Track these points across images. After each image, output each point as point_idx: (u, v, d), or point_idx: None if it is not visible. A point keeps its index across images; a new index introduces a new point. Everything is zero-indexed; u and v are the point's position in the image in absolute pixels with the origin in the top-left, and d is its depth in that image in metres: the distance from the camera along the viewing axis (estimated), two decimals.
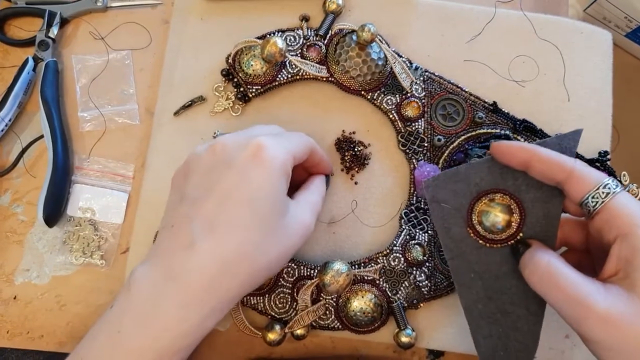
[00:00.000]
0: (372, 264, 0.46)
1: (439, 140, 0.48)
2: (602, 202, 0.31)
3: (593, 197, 0.31)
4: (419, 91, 0.49)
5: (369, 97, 0.49)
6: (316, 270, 0.45)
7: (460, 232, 0.37)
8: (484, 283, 0.37)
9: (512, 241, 0.37)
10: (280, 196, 0.36)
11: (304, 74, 0.48)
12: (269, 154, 0.35)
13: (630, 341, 0.29)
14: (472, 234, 0.37)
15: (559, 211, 0.36)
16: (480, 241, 0.37)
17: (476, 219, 0.37)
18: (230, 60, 0.49)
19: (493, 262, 0.37)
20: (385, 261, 0.46)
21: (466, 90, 0.49)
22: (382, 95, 0.49)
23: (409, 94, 0.48)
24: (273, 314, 0.45)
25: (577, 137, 0.36)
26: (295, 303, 0.45)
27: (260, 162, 0.34)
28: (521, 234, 0.36)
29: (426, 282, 0.45)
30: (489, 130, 0.48)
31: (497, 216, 0.37)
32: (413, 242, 0.46)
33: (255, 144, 0.35)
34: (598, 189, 0.31)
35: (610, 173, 0.47)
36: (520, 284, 0.36)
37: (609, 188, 0.31)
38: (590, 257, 0.37)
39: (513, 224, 0.36)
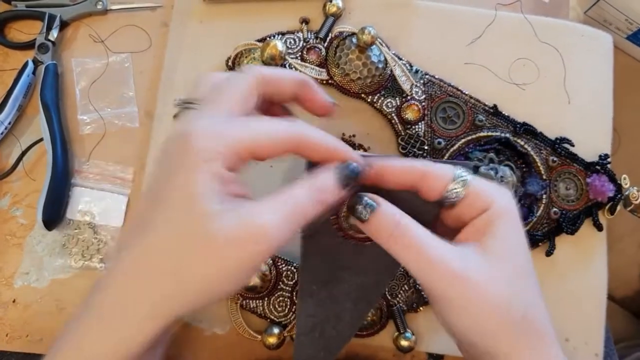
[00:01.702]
0: None
1: (440, 143, 0.48)
2: (461, 192, 0.32)
3: (450, 192, 0.32)
4: (419, 94, 0.48)
5: (369, 100, 0.49)
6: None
7: (324, 224, 0.36)
8: (327, 268, 0.36)
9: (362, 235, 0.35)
10: (203, 202, 0.28)
11: None
12: (192, 148, 0.28)
13: (482, 298, 0.30)
14: (334, 225, 0.36)
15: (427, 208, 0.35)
16: (340, 232, 0.36)
17: (343, 212, 0.36)
18: (230, 63, 0.49)
19: (344, 253, 0.36)
20: None
21: (466, 93, 0.49)
22: (382, 98, 0.48)
23: (409, 97, 0.48)
24: (272, 317, 0.45)
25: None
26: (294, 306, 0.45)
27: (181, 162, 0.29)
28: None
29: None
30: (490, 133, 0.48)
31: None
32: None
33: (182, 135, 0.29)
34: (454, 182, 0.32)
35: (611, 176, 0.47)
36: (359, 281, 0.36)
37: (462, 177, 0.32)
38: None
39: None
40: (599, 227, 0.48)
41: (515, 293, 0.31)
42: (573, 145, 0.48)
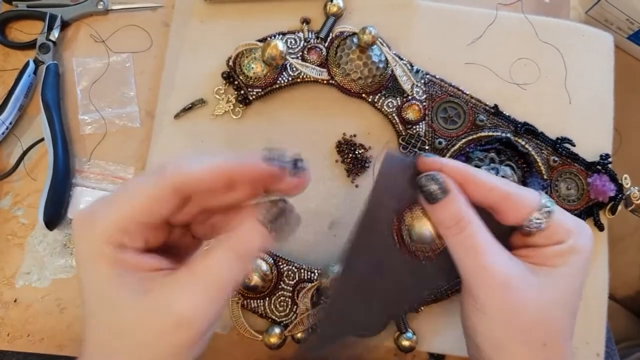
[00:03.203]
0: None
1: (440, 143, 0.48)
2: (543, 224, 0.31)
3: (532, 221, 0.31)
4: (420, 94, 0.48)
5: (369, 99, 0.49)
6: (316, 274, 0.45)
7: (384, 221, 0.35)
8: (370, 265, 0.35)
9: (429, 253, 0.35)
10: (102, 293, 0.27)
11: (304, 76, 0.48)
12: (75, 242, 0.28)
13: (514, 313, 0.30)
14: (394, 230, 0.35)
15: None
16: (397, 241, 0.35)
17: (406, 226, 0.35)
18: (230, 63, 0.49)
19: (393, 259, 0.35)
20: None
21: (467, 93, 0.49)
22: (383, 98, 0.48)
23: (410, 97, 0.48)
24: (273, 317, 0.45)
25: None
26: (295, 306, 0.45)
27: (75, 256, 0.30)
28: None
29: None
30: (490, 133, 0.48)
31: (427, 232, 0.34)
32: None
33: (72, 228, 0.29)
34: (539, 212, 0.31)
35: (612, 176, 0.47)
36: (396, 288, 0.35)
37: (547, 208, 0.31)
38: None
39: (437, 245, 0.34)
40: (600, 227, 0.48)
41: (547, 321, 0.30)
42: (574, 145, 0.48)
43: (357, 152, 0.48)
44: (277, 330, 0.44)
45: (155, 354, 0.26)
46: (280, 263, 0.45)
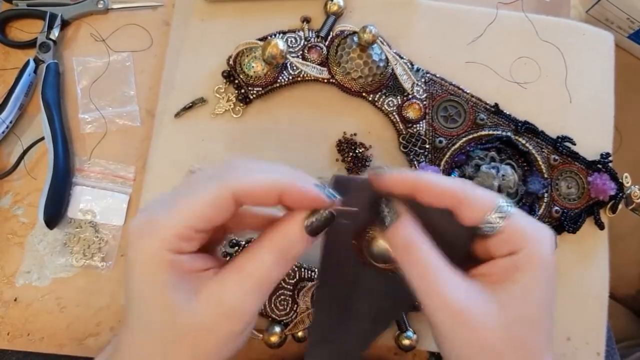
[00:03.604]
0: None
1: (441, 142, 0.48)
2: (498, 226, 0.30)
3: (488, 223, 0.30)
4: (421, 93, 0.48)
5: (370, 98, 0.48)
6: (317, 273, 0.45)
7: (344, 243, 0.34)
8: (345, 286, 0.35)
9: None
10: (163, 296, 0.28)
11: (305, 75, 0.48)
12: (132, 247, 0.28)
13: (474, 341, 0.29)
14: (355, 248, 0.35)
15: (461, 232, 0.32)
16: (360, 258, 0.35)
17: (366, 243, 0.34)
18: (231, 62, 0.49)
19: (362, 276, 0.35)
20: None
21: (468, 91, 0.49)
22: (384, 97, 0.48)
23: (410, 96, 0.48)
24: (274, 316, 0.45)
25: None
26: (296, 305, 0.45)
27: (128, 260, 0.28)
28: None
29: None
30: (491, 132, 0.48)
31: (386, 251, 0.34)
32: None
33: (128, 236, 0.29)
34: (492, 213, 0.30)
35: (612, 175, 0.47)
36: (377, 303, 0.35)
37: (502, 211, 0.30)
38: None
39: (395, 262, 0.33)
40: (601, 226, 0.48)
41: (513, 344, 0.29)
42: (574, 144, 0.48)
43: (357, 151, 0.48)
44: (277, 329, 0.44)
45: (207, 346, 0.28)
46: None
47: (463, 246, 0.32)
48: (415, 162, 0.48)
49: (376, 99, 0.48)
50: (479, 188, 0.31)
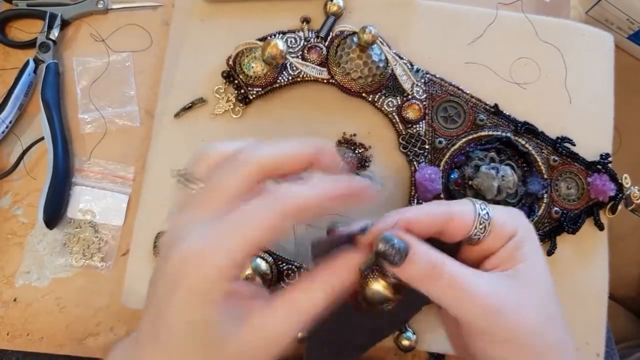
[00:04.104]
0: None
1: (440, 142, 0.48)
2: (485, 232, 0.32)
3: (475, 234, 0.31)
4: (420, 93, 0.48)
5: (369, 99, 0.48)
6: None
7: None
8: (332, 327, 0.36)
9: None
10: (206, 326, 0.26)
11: (304, 75, 0.48)
12: (188, 277, 0.25)
13: (515, 329, 0.30)
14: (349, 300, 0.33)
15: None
16: (354, 305, 0.34)
17: (359, 290, 0.33)
18: (230, 62, 0.49)
19: (352, 317, 0.35)
20: None
21: (467, 92, 0.49)
22: (383, 98, 0.48)
23: (410, 96, 0.48)
24: None
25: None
26: None
27: (177, 289, 0.26)
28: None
29: None
30: (491, 133, 0.48)
31: (380, 291, 0.32)
32: None
33: (176, 258, 0.26)
34: (476, 225, 0.31)
35: (612, 175, 0.47)
36: (368, 331, 0.36)
37: (485, 217, 0.32)
38: None
39: (392, 302, 0.33)
40: (600, 227, 0.48)
41: (549, 317, 0.31)
42: (574, 145, 0.48)
43: (357, 152, 0.48)
44: None
45: None
46: (279, 262, 0.45)
47: (454, 252, 0.33)
48: (415, 163, 0.48)
49: (376, 99, 0.48)
50: (455, 204, 0.32)
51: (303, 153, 0.29)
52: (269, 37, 0.49)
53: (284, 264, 0.45)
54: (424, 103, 0.48)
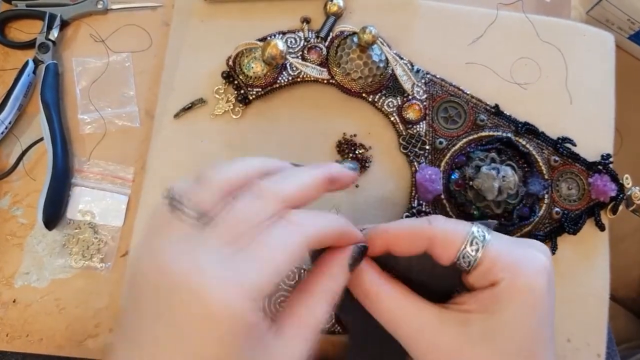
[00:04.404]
0: None
1: (441, 143, 0.47)
2: (475, 259, 0.29)
3: (464, 257, 0.29)
4: (421, 94, 0.48)
5: (370, 99, 0.48)
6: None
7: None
8: (371, 339, 0.36)
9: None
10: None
11: (304, 76, 0.48)
12: (211, 308, 0.23)
13: None
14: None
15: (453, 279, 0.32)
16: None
17: None
18: (230, 63, 0.49)
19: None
20: None
21: (468, 92, 0.48)
22: (384, 98, 0.48)
23: (410, 97, 0.48)
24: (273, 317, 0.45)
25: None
26: None
27: (197, 321, 0.23)
28: None
29: None
30: (491, 133, 0.47)
31: None
32: None
33: (187, 290, 0.23)
34: (465, 247, 0.29)
35: (613, 176, 0.47)
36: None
37: (477, 242, 0.29)
38: None
39: None
40: (601, 227, 0.47)
41: None
42: (575, 145, 0.48)
43: (357, 152, 0.48)
44: None
45: None
46: None
47: (454, 284, 0.31)
48: (415, 163, 0.47)
49: (376, 99, 0.48)
50: (449, 222, 0.30)
51: (320, 181, 0.29)
52: (268, 38, 0.48)
53: None
54: (425, 103, 0.48)
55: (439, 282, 0.31)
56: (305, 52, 0.49)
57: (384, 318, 0.30)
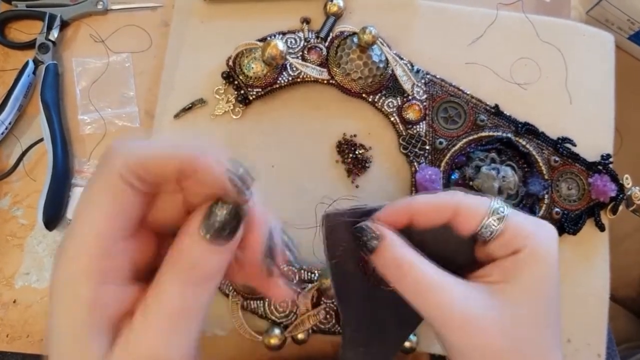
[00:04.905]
0: None
1: (441, 143, 0.47)
2: (497, 229, 0.30)
3: (485, 228, 0.30)
4: (421, 94, 0.48)
5: (370, 99, 0.48)
6: (317, 274, 0.45)
7: (352, 266, 0.34)
8: (365, 305, 0.35)
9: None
10: (72, 345, 0.23)
11: (304, 76, 0.48)
12: (55, 277, 0.24)
13: (479, 347, 0.28)
14: (363, 270, 0.34)
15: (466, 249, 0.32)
16: (369, 280, 0.34)
17: (371, 267, 0.34)
18: (230, 63, 0.49)
19: (378, 292, 0.35)
20: None
21: (468, 92, 0.48)
22: (384, 98, 0.48)
23: (410, 97, 0.48)
24: (274, 318, 0.45)
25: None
26: (295, 307, 0.45)
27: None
28: None
29: None
30: (491, 133, 0.47)
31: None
32: None
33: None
34: (489, 218, 0.30)
35: (613, 176, 0.47)
36: (399, 311, 0.35)
37: (499, 213, 0.30)
38: None
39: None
40: (601, 228, 0.48)
41: (516, 345, 0.28)
42: (575, 145, 0.48)
43: (357, 152, 0.48)
44: (277, 331, 0.44)
45: None
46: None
47: (467, 258, 0.32)
48: (415, 164, 0.47)
49: (376, 100, 0.48)
50: (471, 195, 0.31)
51: (173, 158, 0.23)
52: (268, 38, 0.48)
53: (284, 265, 0.45)
54: (425, 104, 0.48)
55: (452, 258, 0.32)
56: (305, 52, 0.49)
57: (412, 289, 0.30)
